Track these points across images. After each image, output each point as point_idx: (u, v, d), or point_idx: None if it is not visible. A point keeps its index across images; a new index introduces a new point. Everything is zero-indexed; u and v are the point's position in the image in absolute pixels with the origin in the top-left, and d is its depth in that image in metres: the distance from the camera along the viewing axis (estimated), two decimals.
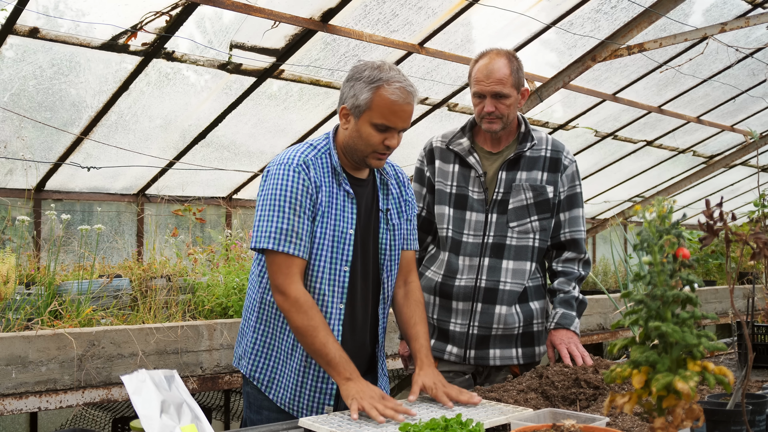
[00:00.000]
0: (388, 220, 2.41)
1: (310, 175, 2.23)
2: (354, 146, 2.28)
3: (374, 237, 2.38)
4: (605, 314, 5.72)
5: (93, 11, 4.13)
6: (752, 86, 7.60)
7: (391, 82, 2.21)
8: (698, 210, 8.73)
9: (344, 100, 2.28)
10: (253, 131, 5.69)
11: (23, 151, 4.90)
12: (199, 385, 3.39)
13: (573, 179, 2.80)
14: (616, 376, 1.27)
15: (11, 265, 3.44)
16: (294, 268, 2.19)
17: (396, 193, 2.47)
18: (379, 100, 2.21)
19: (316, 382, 2.29)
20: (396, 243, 2.43)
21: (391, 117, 2.22)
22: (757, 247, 1.43)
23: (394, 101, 2.21)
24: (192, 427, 1.71)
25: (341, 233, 2.27)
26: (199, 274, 4.38)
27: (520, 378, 2.38)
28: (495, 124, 2.69)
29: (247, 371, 2.37)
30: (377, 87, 2.21)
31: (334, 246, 2.26)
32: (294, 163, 2.24)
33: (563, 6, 5.37)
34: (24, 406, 2.95)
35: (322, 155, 2.30)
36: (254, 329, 2.36)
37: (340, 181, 2.30)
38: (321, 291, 2.26)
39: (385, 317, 2.44)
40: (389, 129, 2.24)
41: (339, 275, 2.28)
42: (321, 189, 2.25)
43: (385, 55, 5.22)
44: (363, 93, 2.22)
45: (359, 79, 2.24)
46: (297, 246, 2.19)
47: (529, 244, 2.73)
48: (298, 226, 2.20)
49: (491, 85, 2.64)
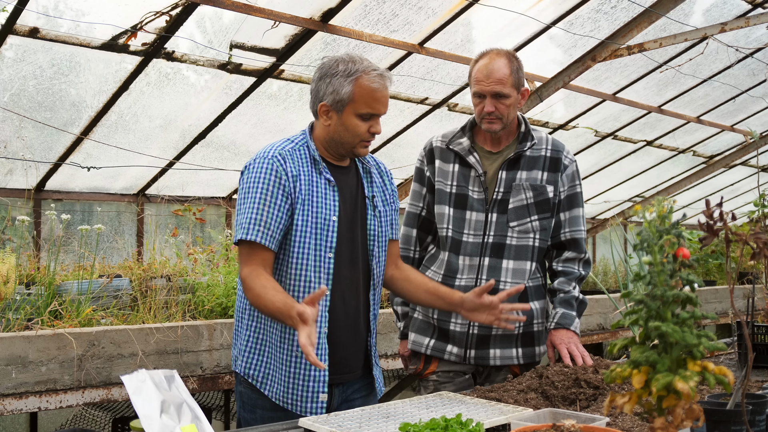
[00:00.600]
0: (375, 207, 2.46)
1: (286, 166, 2.29)
2: (340, 139, 2.34)
3: (362, 224, 2.43)
4: (605, 314, 5.72)
5: (93, 11, 4.13)
6: (752, 86, 7.60)
7: (369, 71, 2.30)
8: (698, 210, 8.72)
9: (322, 98, 2.33)
10: (253, 131, 5.69)
11: (23, 151, 4.90)
12: (199, 385, 3.39)
13: (573, 179, 2.80)
14: (616, 376, 1.27)
15: (11, 265, 3.44)
16: (254, 254, 2.24)
17: (379, 182, 2.53)
18: (361, 90, 2.28)
19: (308, 371, 2.30)
20: (383, 230, 2.48)
21: (375, 104, 2.31)
22: (757, 247, 1.43)
23: (375, 89, 2.30)
24: (192, 427, 1.71)
25: (324, 220, 2.31)
26: (199, 274, 4.38)
27: (520, 378, 2.38)
28: (495, 125, 2.69)
29: (242, 369, 2.38)
30: (356, 78, 2.29)
31: (318, 233, 2.30)
32: (269, 155, 2.30)
33: (563, 6, 5.36)
34: (24, 406, 2.95)
35: (299, 147, 2.36)
36: (247, 327, 2.39)
37: (320, 170, 2.35)
38: (307, 278, 2.30)
39: (375, 304, 2.48)
40: (373, 116, 2.33)
41: (324, 262, 2.31)
42: (299, 179, 2.30)
43: (385, 55, 5.22)
44: (343, 87, 2.28)
45: (335, 74, 2.30)
46: (263, 235, 2.23)
47: (529, 244, 2.73)
48: (267, 216, 2.24)
49: (491, 85, 2.64)
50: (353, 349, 2.42)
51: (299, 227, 2.28)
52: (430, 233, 2.89)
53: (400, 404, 2.15)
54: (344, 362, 2.39)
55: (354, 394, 2.46)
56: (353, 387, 2.46)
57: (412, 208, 2.92)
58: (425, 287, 2.56)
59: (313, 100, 2.37)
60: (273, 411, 2.33)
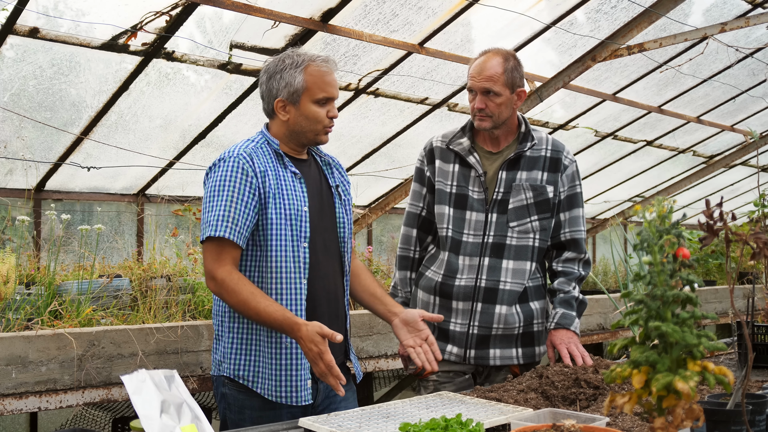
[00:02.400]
0: (341, 195, 2.54)
1: (253, 163, 2.32)
2: (301, 130, 2.40)
3: (330, 212, 2.49)
4: (605, 314, 5.72)
5: (93, 11, 4.12)
6: (752, 86, 7.59)
7: (315, 59, 2.38)
8: (698, 210, 8.72)
9: (276, 95, 2.39)
10: (253, 131, 5.64)
11: (23, 151, 4.90)
12: (199, 385, 3.39)
13: (573, 179, 2.80)
14: (616, 376, 1.27)
15: (11, 265, 3.43)
16: (224, 252, 2.26)
17: (338, 174, 2.60)
18: (312, 77, 2.36)
19: (296, 360, 2.32)
20: (349, 217, 2.56)
21: (328, 88, 2.38)
22: (757, 247, 1.43)
23: (324, 72, 2.38)
24: (192, 427, 1.71)
25: (297, 211, 2.35)
26: (199, 274, 4.37)
27: (520, 378, 2.38)
28: (485, 122, 2.70)
29: (230, 372, 2.39)
30: (305, 67, 2.37)
31: (292, 224, 2.34)
32: (235, 154, 2.34)
33: (563, 6, 5.36)
34: (24, 406, 2.95)
35: (261, 145, 2.41)
36: (230, 329, 2.39)
37: (284, 164, 2.40)
38: (286, 269, 2.33)
39: (347, 289, 2.55)
40: (329, 100, 2.39)
41: (299, 252, 2.35)
42: (267, 174, 2.34)
43: (385, 55, 5.22)
44: (295, 78, 2.36)
45: (283, 69, 2.38)
46: (231, 231, 2.26)
47: (529, 244, 2.73)
48: (235, 212, 2.27)
49: (481, 81, 2.66)
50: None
51: (273, 221, 2.32)
52: (430, 233, 2.89)
53: (400, 404, 2.15)
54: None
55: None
56: None
57: (412, 208, 2.92)
58: (371, 290, 2.61)
59: (267, 100, 2.43)
60: (261, 410, 2.34)
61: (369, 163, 6.45)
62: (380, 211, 6.81)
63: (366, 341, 4.13)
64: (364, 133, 6.15)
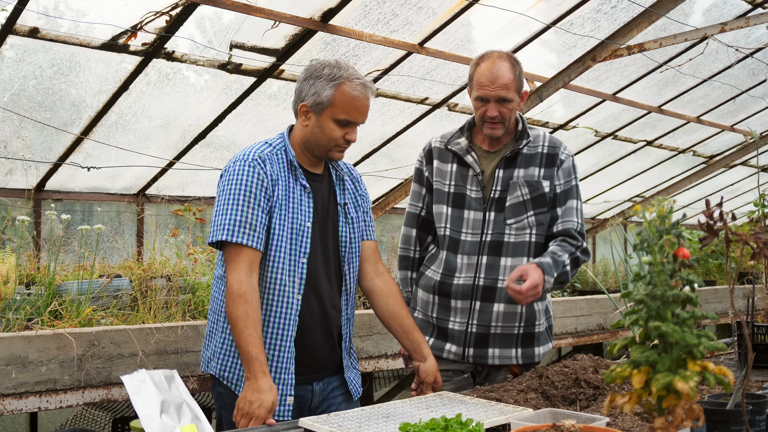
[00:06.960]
0: (347, 214, 2.50)
1: (266, 169, 2.30)
2: (316, 141, 2.37)
3: (334, 230, 2.46)
4: (605, 314, 5.71)
5: (93, 11, 4.12)
6: (752, 86, 7.59)
7: (352, 79, 2.32)
8: (698, 210, 8.73)
9: (303, 98, 2.36)
10: (253, 131, 5.68)
11: (23, 151, 4.90)
12: (199, 385, 3.39)
13: (569, 173, 2.79)
14: (616, 376, 1.27)
15: (11, 265, 3.43)
16: (242, 258, 2.24)
17: (351, 189, 2.56)
18: (342, 96, 2.30)
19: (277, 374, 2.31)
20: (355, 236, 2.51)
21: (353, 112, 2.33)
22: (757, 247, 1.43)
23: (355, 97, 2.31)
24: (192, 427, 1.72)
25: (299, 226, 2.34)
26: (199, 274, 4.37)
27: (520, 378, 2.38)
28: (497, 129, 2.70)
29: (217, 371, 2.39)
30: (339, 84, 2.30)
31: (293, 238, 2.33)
32: (249, 158, 2.31)
33: (563, 6, 5.36)
34: (24, 406, 2.95)
35: (277, 151, 2.38)
36: (223, 329, 2.39)
37: (296, 176, 2.38)
38: (282, 281, 2.31)
39: (348, 308, 2.51)
40: (350, 124, 2.35)
41: (297, 267, 2.34)
42: (278, 183, 2.32)
43: (385, 55, 5.22)
44: (325, 90, 2.30)
45: (319, 77, 2.32)
46: (250, 237, 2.24)
47: (526, 240, 2.73)
48: (252, 218, 2.25)
49: (496, 90, 2.64)
50: (326, 351, 2.45)
51: (275, 232, 2.30)
52: (430, 233, 2.90)
53: (400, 404, 2.15)
54: (316, 363, 2.42)
55: (335, 391, 2.49)
56: (333, 384, 2.49)
57: (412, 208, 2.92)
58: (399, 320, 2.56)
59: (296, 99, 2.40)
60: None
61: (369, 163, 6.45)
62: (380, 211, 6.81)
63: (366, 341, 4.13)
64: (364, 133, 6.15)
